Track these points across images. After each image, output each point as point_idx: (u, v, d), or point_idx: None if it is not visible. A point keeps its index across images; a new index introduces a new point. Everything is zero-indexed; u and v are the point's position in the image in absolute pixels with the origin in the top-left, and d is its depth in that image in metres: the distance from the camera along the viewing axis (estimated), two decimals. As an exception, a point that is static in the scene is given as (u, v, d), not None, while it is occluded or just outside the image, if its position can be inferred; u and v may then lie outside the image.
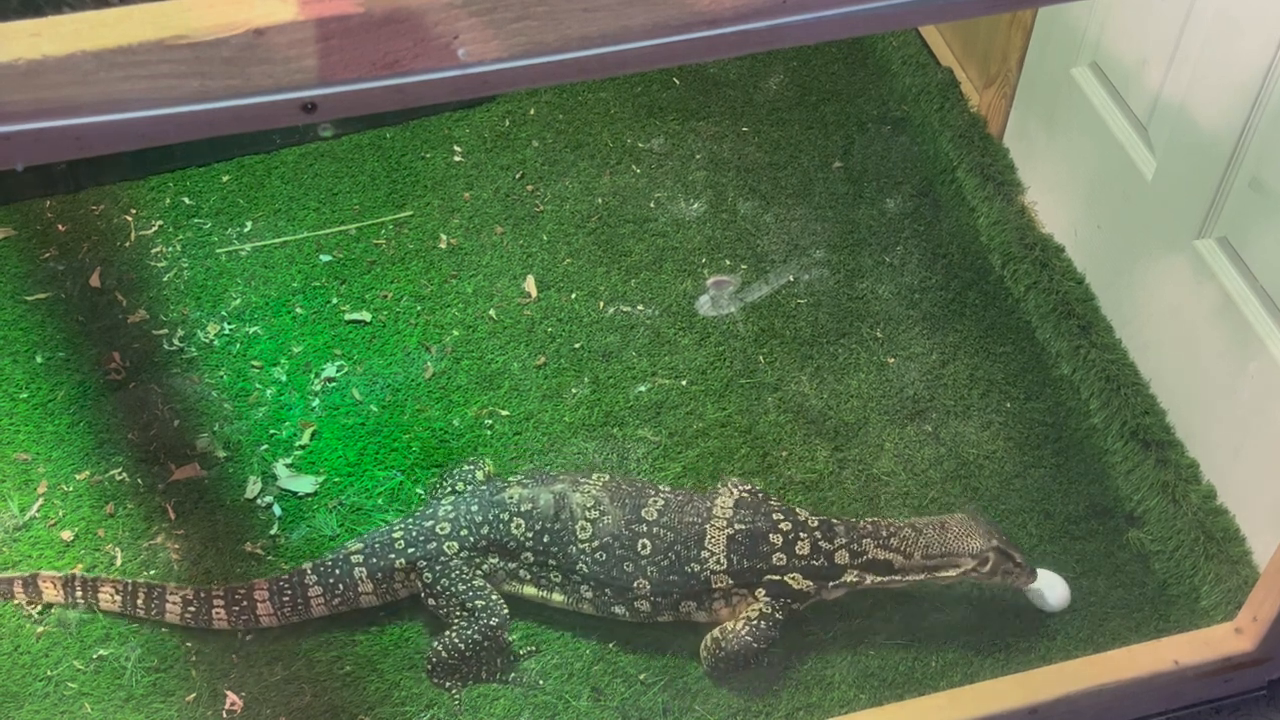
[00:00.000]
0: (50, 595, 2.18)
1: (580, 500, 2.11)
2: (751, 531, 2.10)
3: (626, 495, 2.13)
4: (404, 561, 2.12)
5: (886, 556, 2.11)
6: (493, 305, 2.68)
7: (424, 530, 2.13)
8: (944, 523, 2.15)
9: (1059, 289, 2.65)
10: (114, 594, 2.15)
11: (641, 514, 2.11)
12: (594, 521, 2.10)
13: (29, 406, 2.48)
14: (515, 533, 2.11)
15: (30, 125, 1.00)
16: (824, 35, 1.15)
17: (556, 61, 1.09)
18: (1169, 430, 2.44)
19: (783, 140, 3.03)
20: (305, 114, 1.06)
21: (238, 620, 2.14)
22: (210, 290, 2.68)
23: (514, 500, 2.13)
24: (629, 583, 2.09)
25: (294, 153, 2.96)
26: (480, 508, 2.13)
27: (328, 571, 2.13)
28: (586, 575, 2.10)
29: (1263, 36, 2.06)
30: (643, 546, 2.09)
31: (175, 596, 2.14)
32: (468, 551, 2.11)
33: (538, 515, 2.11)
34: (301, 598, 2.13)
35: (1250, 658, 2.03)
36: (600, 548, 2.09)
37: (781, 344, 2.63)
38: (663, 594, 2.09)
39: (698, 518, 2.11)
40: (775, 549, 2.10)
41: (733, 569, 2.09)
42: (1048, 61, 2.70)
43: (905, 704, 2.02)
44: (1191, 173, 2.28)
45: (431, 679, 2.12)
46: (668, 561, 2.08)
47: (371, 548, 2.14)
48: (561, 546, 2.09)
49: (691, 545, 2.09)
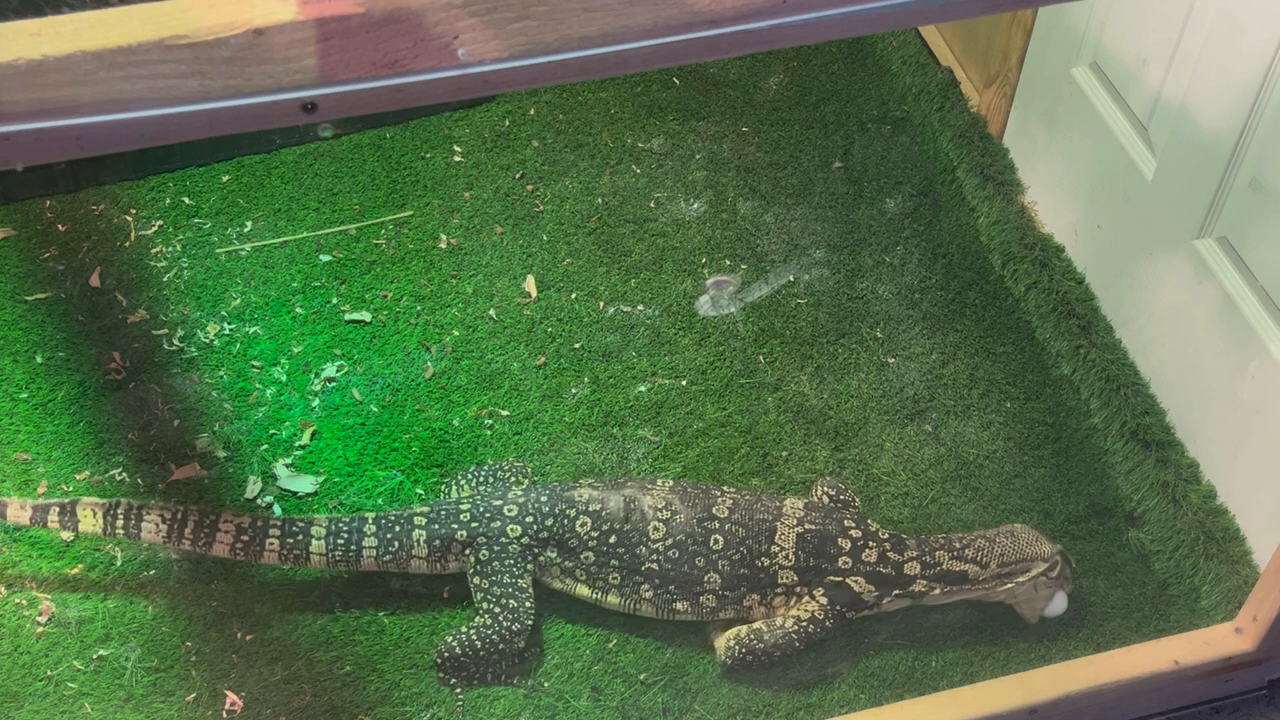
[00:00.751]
0: (88, 525, 2.13)
1: (651, 502, 2.14)
2: (820, 532, 2.13)
3: (696, 496, 2.16)
4: (465, 534, 2.13)
5: (962, 568, 2.14)
6: (493, 305, 2.68)
7: (492, 508, 2.15)
8: (1013, 531, 2.19)
9: (1059, 289, 2.65)
10: (160, 522, 2.12)
11: (713, 511, 2.13)
12: (666, 521, 2.12)
13: (29, 406, 2.48)
14: (580, 530, 2.12)
15: (30, 125, 1.00)
16: (824, 35, 1.15)
17: (556, 61, 1.09)
18: (1169, 430, 2.44)
19: (783, 140, 3.03)
20: (305, 114, 1.06)
21: (289, 555, 2.13)
22: (210, 290, 2.68)
23: (583, 499, 2.15)
24: (699, 577, 2.11)
25: (294, 153, 2.96)
26: (549, 500, 2.15)
27: (388, 526, 2.14)
28: (653, 573, 2.11)
29: (1263, 36, 2.06)
30: (715, 542, 2.11)
31: (229, 525, 2.12)
32: (529, 538, 2.13)
33: (607, 516, 2.13)
34: (356, 545, 2.13)
35: (1250, 658, 2.03)
36: (673, 545, 2.11)
37: (781, 344, 2.63)
38: (730, 588, 2.12)
39: (768, 515, 2.14)
40: (843, 552, 2.13)
41: (798, 565, 2.12)
42: (1048, 61, 2.70)
43: (905, 704, 2.02)
44: (1192, 172, 2.28)
45: (438, 673, 2.12)
46: (738, 555, 2.11)
47: (437, 514, 2.15)
48: (629, 548, 2.11)
49: (762, 540, 2.12)
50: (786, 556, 2.12)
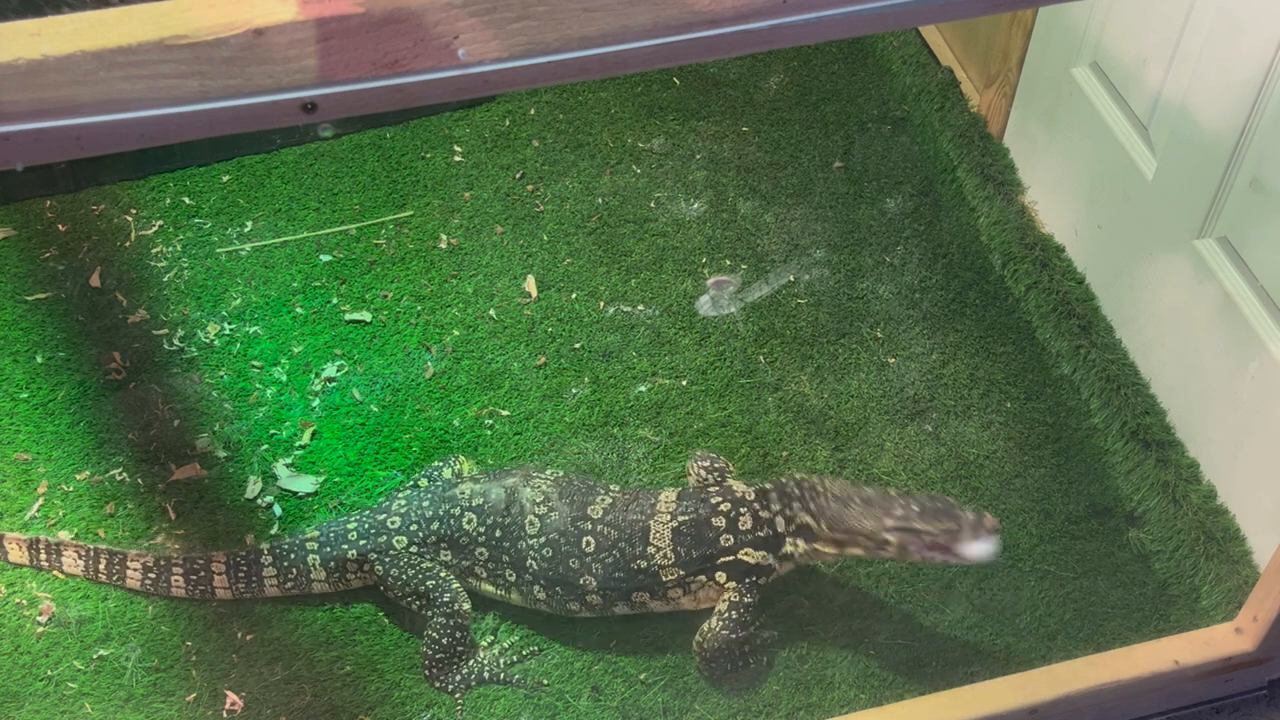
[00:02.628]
0: (15, 556, 2.23)
1: (530, 495, 2.11)
2: (694, 520, 2.09)
3: (575, 492, 2.12)
4: (355, 553, 2.14)
5: (807, 520, 2.08)
6: (493, 305, 2.68)
7: (376, 523, 2.15)
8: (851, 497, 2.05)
9: (1059, 289, 2.65)
10: (76, 558, 2.20)
11: (587, 511, 2.10)
12: (542, 518, 2.10)
13: (29, 406, 2.48)
14: (467, 527, 2.11)
15: (30, 125, 1.00)
16: (824, 35, 1.15)
17: (556, 61, 1.09)
18: (1169, 430, 2.44)
19: (783, 140, 3.03)
20: (305, 114, 1.06)
21: (194, 590, 2.18)
22: (210, 290, 2.68)
23: (465, 495, 2.14)
24: (575, 579, 2.09)
25: (294, 153, 2.96)
26: (431, 502, 2.15)
27: (283, 555, 2.16)
28: (537, 572, 2.10)
29: (1263, 36, 2.06)
30: (587, 544, 2.08)
31: (136, 564, 2.17)
32: (417, 546, 2.13)
33: (489, 510, 2.11)
34: (256, 576, 2.16)
35: (1250, 658, 2.03)
36: (547, 544, 2.09)
37: (781, 344, 2.63)
38: (610, 589, 2.09)
39: (641, 514, 2.10)
40: (720, 531, 2.09)
41: (681, 560, 2.09)
42: (1048, 61, 2.70)
43: (905, 704, 2.02)
44: (1192, 172, 2.28)
45: (433, 684, 2.12)
46: (611, 559, 2.08)
47: (326, 537, 2.16)
48: (512, 542, 2.10)
49: (636, 543, 2.08)
50: (665, 555, 2.08)
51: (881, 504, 2.05)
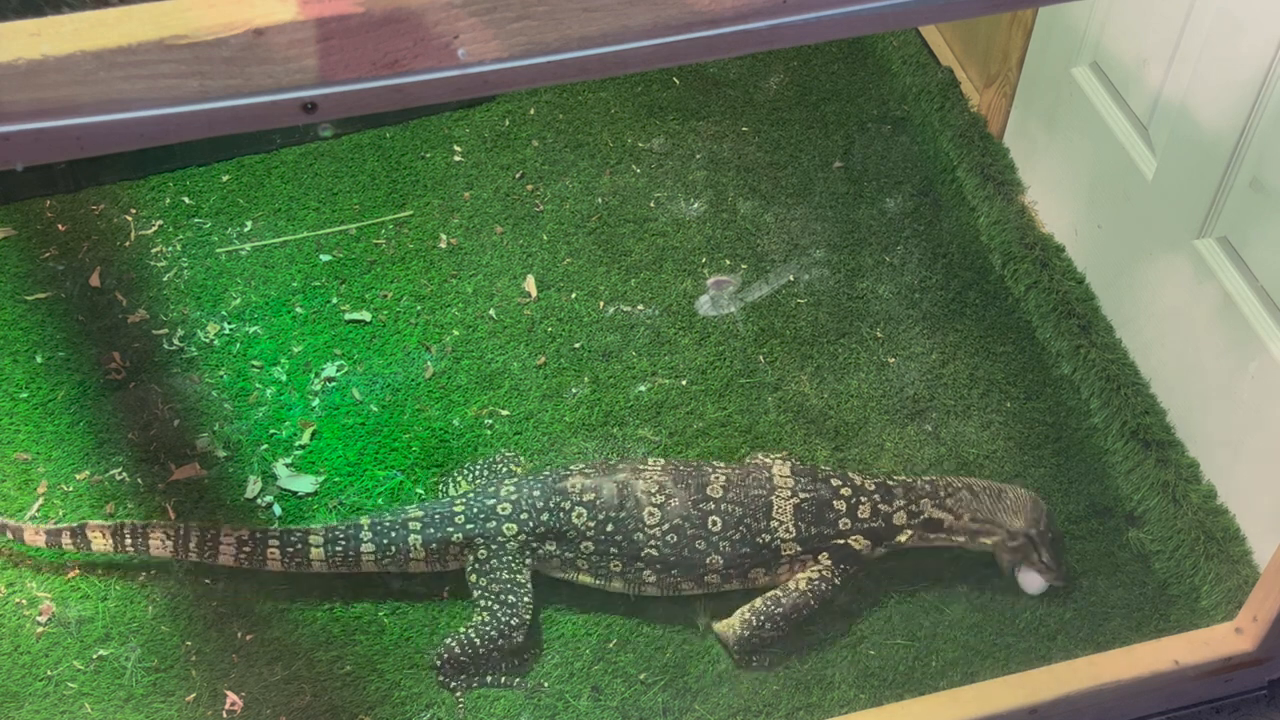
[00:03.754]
0: (100, 545, 2.18)
1: (644, 487, 2.13)
2: (816, 499, 2.15)
3: (688, 476, 2.15)
4: (461, 536, 2.14)
5: (940, 516, 2.17)
6: (493, 305, 2.68)
7: (485, 508, 2.15)
8: (1000, 490, 2.21)
9: (1059, 289, 2.65)
10: (165, 539, 2.16)
11: (707, 492, 2.13)
12: (661, 506, 2.12)
13: (29, 406, 2.48)
14: (576, 522, 2.12)
15: (30, 125, 1.00)
16: (824, 35, 1.15)
17: (556, 61, 1.09)
18: (1169, 430, 2.44)
19: (783, 140, 3.03)
20: (305, 114, 1.06)
21: (290, 563, 2.16)
22: (210, 290, 2.68)
23: (576, 489, 2.14)
24: (701, 559, 2.11)
25: (294, 153, 2.96)
26: (543, 493, 2.15)
27: (384, 531, 2.15)
28: (654, 559, 2.11)
29: (1263, 36, 2.06)
30: (713, 523, 2.11)
31: (230, 538, 2.15)
32: (526, 535, 2.13)
33: (601, 505, 2.12)
34: (354, 551, 2.14)
35: (1250, 658, 2.03)
36: (671, 530, 2.11)
37: (781, 344, 2.63)
38: (734, 566, 2.13)
39: (762, 489, 2.14)
40: (840, 514, 2.14)
41: (800, 536, 2.13)
42: (1048, 61, 2.70)
43: (905, 704, 2.02)
44: (1192, 172, 2.28)
45: (438, 675, 2.12)
46: (739, 535, 2.11)
47: (431, 518, 2.15)
48: (626, 535, 2.11)
49: (760, 517, 2.12)
50: (787, 529, 2.13)
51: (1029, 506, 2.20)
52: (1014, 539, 2.18)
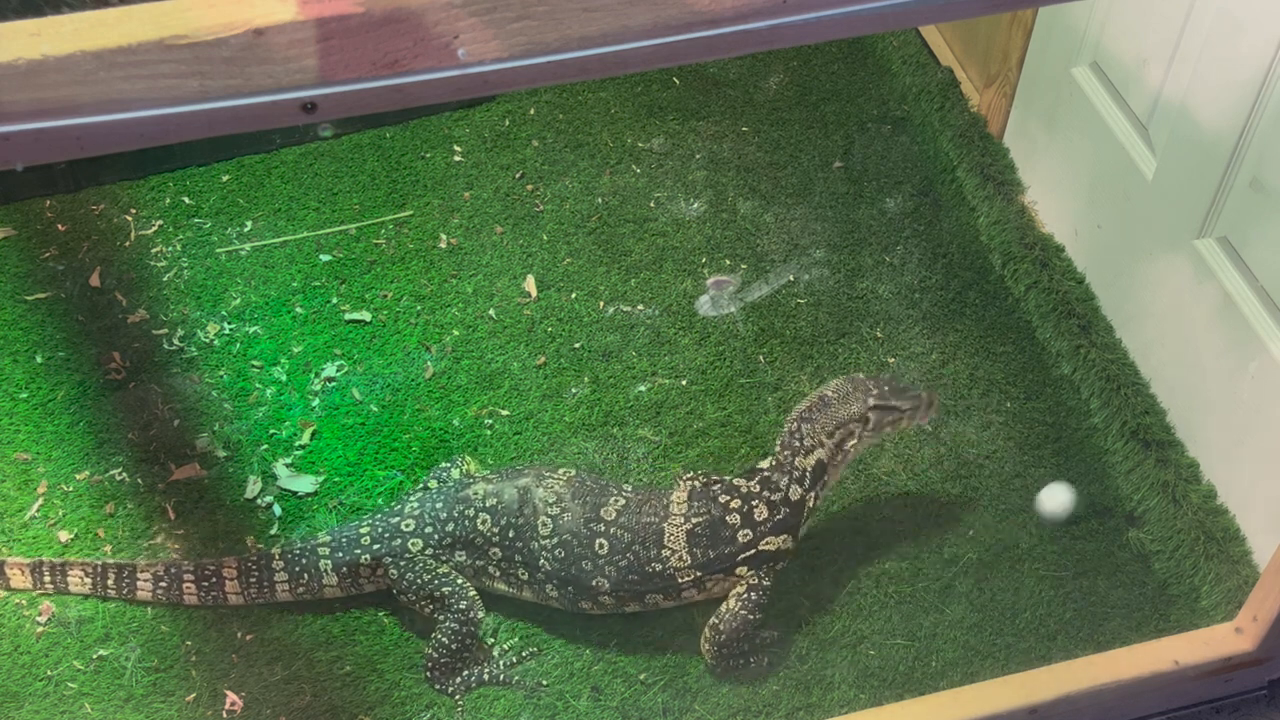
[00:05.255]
0: (18, 582, 2.20)
1: (543, 495, 2.10)
2: (708, 521, 2.09)
3: (588, 492, 2.10)
4: (369, 557, 2.13)
5: (816, 459, 2.10)
6: (493, 305, 2.68)
7: (389, 527, 2.14)
8: (822, 397, 2.13)
9: (1059, 289, 2.65)
10: (83, 576, 2.18)
11: (600, 513, 2.08)
12: (554, 519, 2.08)
13: (29, 406, 2.48)
14: (481, 528, 2.10)
15: (30, 125, 1.00)
16: (824, 35, 1.15)
17: (556, 61, 1.09)
18: (1169, 430, 2.44)
19: (783, 140, 3.03)
20: (305, 114, 1.06)
21: (207, 596, 2.17)
22: (210, 290, 2.68)
23: (479, 495, 2.12)
24: (589, 580, 2.08)
25: (294, 153, 2.96)
26: (445, 504, 2.13)
27: (294, 559, 2.15)
28: (550, 573, 2.09)
29: (1263, 36, 2.06)
30: (600, 546, 2.07)
31: (146, 574, 2.16)
32: (433, 549, 2.11)
33: (503, 510, 2.10)
34: (268, 582, 2.15)
35: (1250, 658, 2.03)
36: (559, 545, 2.07)
37: (781, 344, 2.63)
38: (624, 591, 2.09)
39: (655, 516, 2.09)
40: (738, 528, 2.08)
41: (699, 562, 2.08)
42: (1048, 61, 2.70)
43: (905, 704, 2.02)
44: (1192, 172, 2.28)
45: (433, 686, 2.12)
46: (625, 562, 2.07)
47: (338, 542, 2.15)
48: (525, 542, 2.08)
49: (650, 546, 2.07)
50: (681, 557, 2.07)
51: (854, 389, 2.13)
52: (868, 420, 2.11)
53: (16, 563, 2.19)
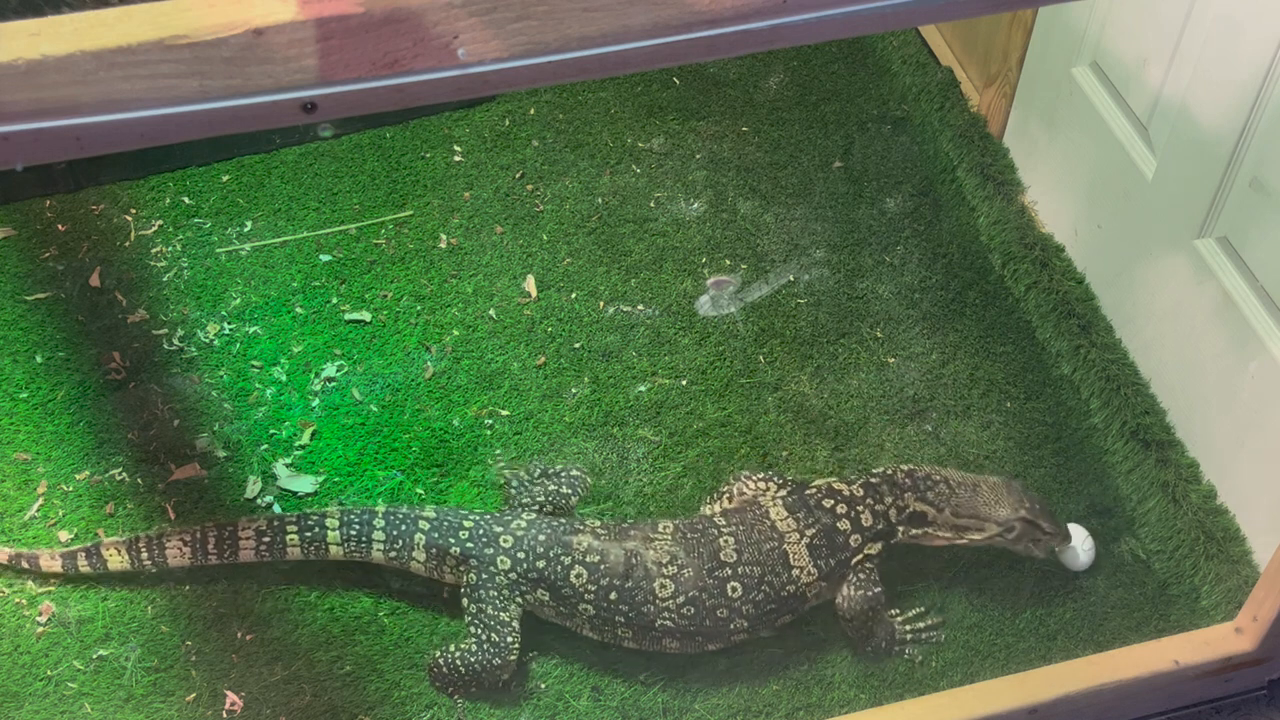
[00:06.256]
0: (116, 563, 2.18)
1: (654, 557, 2.05)
2: (823, 530, 2.11)
3: (696, 542, 2.07)
4: (459, 551, 2.10)
5: (923, 509, 2.14)
6: (493, 305, 2.68)
7: (490, 534, 2.10)
8: (977, 484, 2.17)
9: (1059, 289, 2.65)
10: (182, 545, 2.15)
11: (720, 557, 2.06)
12: (673, 577, 2.05)
13: (29, 406, 2.48)
14: (574, 580, 2.05)
15: (30, 125, 1.00)
16: (824, 35, 1.15)
17: (556, 61, 1.09)
18: (1169, 430, 2.44)
19: (783, 140, 3.03)
20: (305, 114, 1.06)
21: (309, 549, 2.14)
22: (210, 290, 2.68)
23: (581, 547, 2.06)
24: (725, 624, 2.06)
25: (294, 153, 2.96)
26: (546, 540, 2.07)
27: (397, 522, 2.13)
28: (670, 630, 2.06)
29: (1263, 36, 2.06)
30: (733, 590, 2.05)
31: (249, 530, 2.14)
32: (517, 575, 2.07)
33: (606, 571, 2.05)
34: (366, 538, 2.12)
35: (1250, 658, 2.03)
36: (687, 602, 2.04)
37: (781, 344, 2.63)
38: (761, 622, 2.09)
39: (772, 540, 2.08)
40: (849, 534, 2.11)
41: (824, 573, 2.10)
42: (1048, 61, 2.70)
43: (905, 704, 2.02)
44: (1192, 172, 2.28)
45: (432, 684, 2.12)
46: (761, 595, 2.06)
47: (441, 522, 2.12)
48: (634, 606, 2.04)
49: (780, 571, 2.07)
50: (808, 572, 2.08)
51: (1006, 491, 2.15)
52: (1010, 529, 2.14)
53: (113, 542, 2.17)
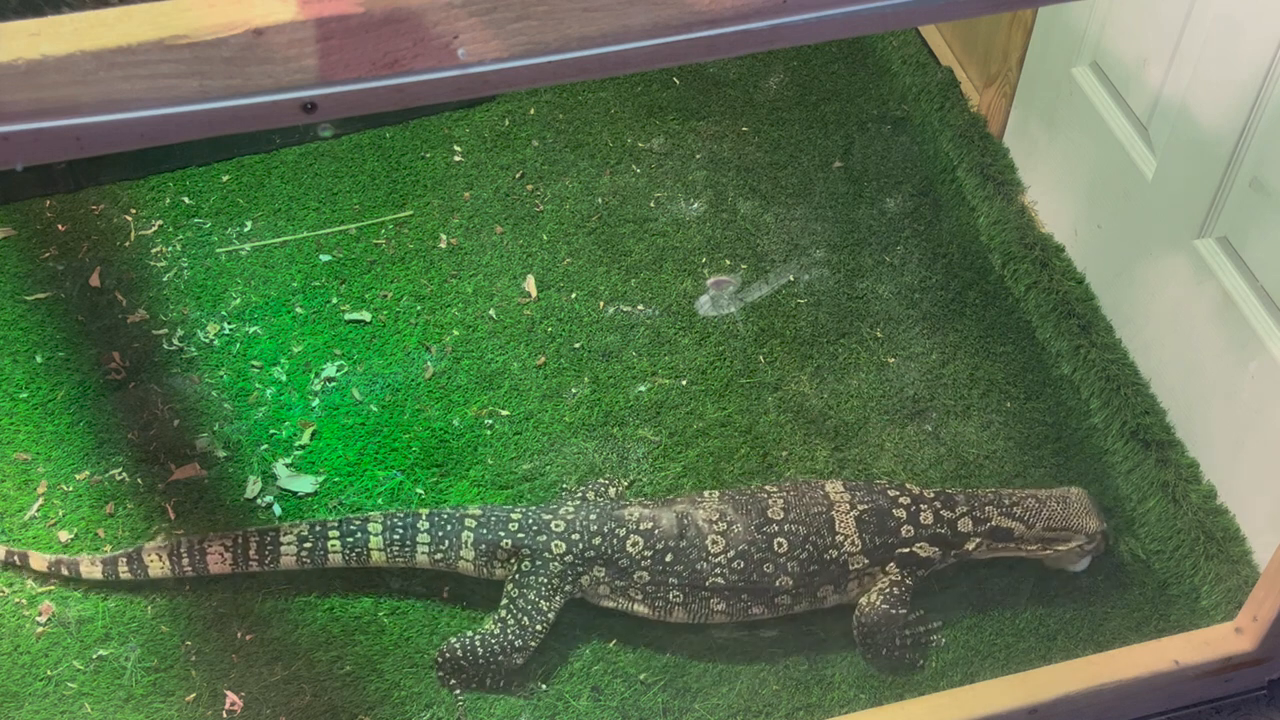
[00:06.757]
0: (157, 570, 2.18)
1: (704, 515, 2.11)
2: (876, 509, 2.14)
3: (745, 502, 2.13)
4: (510, 543, 2.12)
5: (1009, 525, 2.17)
6: (493, 305, 2.68)
7: (540, 522, 2.13)
8: (1066, 496, 2.21)
9: (1059, 289, 2.65)
10: (224, 552, 2.16)
11: (768, 514, 2.12)
12: (724, 533, 2.10)
13: (29, 406, 2.48)
14: (630, 550, 2.10)
15: (30, 125, 1.00)
16: (824, 35, 1.15)
17: (556, 61, 1.09)
18: (1169, 430, 2.44)
19: (783, 140, 3.03)
20: (305, 114, 1.06)
21: (350, 555, 2.15)
22: (210, 290, 2.68)
23: (634, 518, 2.12)
24: (771, 582, 2.10)
25: (294, 153, 2.96)
26: (599, 518, 2.13)
27: (442, 523, 2.14)
28: (721, 587, 2.09)
29: (1263, 36, 2.06)
30: (779, 545, 2.10)
31: (290, 535, 2.15)
32: (573, 556, 2.10)
33: (660, 535, 2.10)
34: (410, 541, 2.14)
35: (1250, 658, 2.03)
36: (737, 556, 2.09)
37: (781, 344, 2.63)
38: (803, 585, 2.11)
39: (820, 506, 2.13)
40: (902, 522, 2.13)
41: (867, 548, 2.12)
42: (1048, 61, 2.70)
43: (905, 704, 2.02)
44: (1192, 172, 2.28)
45: (437, 672, 2.12)
46: (805, 554, 2.10)
47: (488, 519, 2.14)
48: (688, 564, 2.09)
49: (825, 533, 2.11)
50: (853, 542, 2.11)
51: (1094, 505, 2.22)
52: (1092, 540, 2.19)
53: (154, 548, 2.17)
